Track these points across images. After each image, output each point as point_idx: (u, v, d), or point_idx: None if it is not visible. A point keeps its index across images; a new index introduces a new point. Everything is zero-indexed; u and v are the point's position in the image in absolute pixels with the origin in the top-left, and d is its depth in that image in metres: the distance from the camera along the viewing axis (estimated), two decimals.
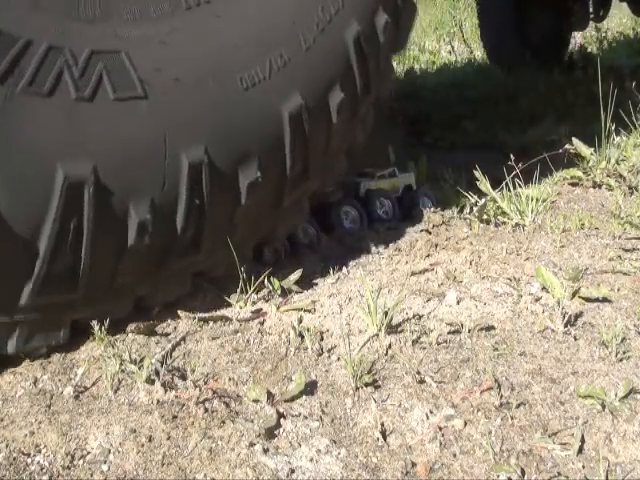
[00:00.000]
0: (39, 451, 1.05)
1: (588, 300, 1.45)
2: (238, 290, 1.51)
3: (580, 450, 1.03)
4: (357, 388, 1.19)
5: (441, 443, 1.06)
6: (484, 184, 2.04)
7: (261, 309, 1.47)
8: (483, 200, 1.98)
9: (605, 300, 1.45)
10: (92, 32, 1.21)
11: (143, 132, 1.24)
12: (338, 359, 1.28)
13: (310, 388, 1.20)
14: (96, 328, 1.29)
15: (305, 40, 1.43)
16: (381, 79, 1.67)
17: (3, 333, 1.22)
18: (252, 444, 1.05)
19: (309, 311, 1.45)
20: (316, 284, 1.62)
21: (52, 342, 1.28)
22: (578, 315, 1.40)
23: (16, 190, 1.13)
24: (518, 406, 1.13)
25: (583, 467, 1.00)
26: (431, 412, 1.12)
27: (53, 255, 1.17)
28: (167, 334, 1.37)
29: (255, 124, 1.37)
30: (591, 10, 4.71)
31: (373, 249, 1.82)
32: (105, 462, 1.02)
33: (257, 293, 1.51)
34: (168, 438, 1.07)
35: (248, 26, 1.38)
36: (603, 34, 5.99)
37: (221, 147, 1.32)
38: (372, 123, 1.73)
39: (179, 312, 1.44)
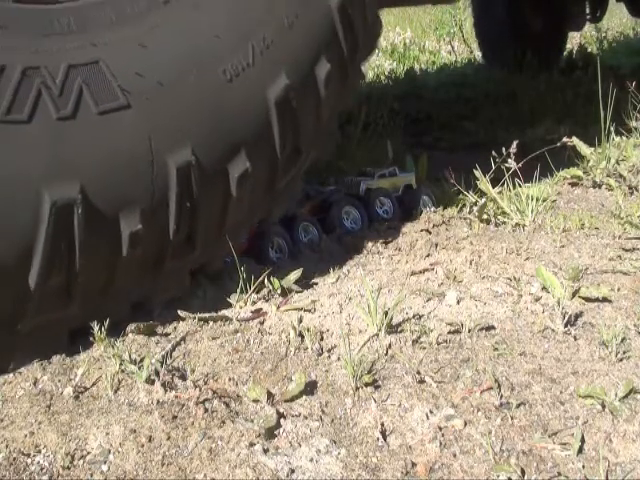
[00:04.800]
0: (39, 451, 1.05)
1: (588, 300, 1.46)
2: (238, 290, 1.51)
3: (580, 450, 1.03)
4: (357, 388, 1.19)
5: (441, 443, 1.06)
6: (484, 184, 2.04)
7: (261, 309, 1.47)
8: (483, 200, 1.98)
9: (605, 300, 1.45)
10: (68, 45, 1.17)
11: (129, 143, 1.20)
12: (338, 359, 1.28)
13: (310, 388, 1.20)
14: (96, 329, 1.29)
15: (287, 16, 1.38)
16: (368, 37, 1.62)
17: (4, 355, 1.22)
18: (252, 444, 1.05)
19: (309, 311, 1.45)
20: (316, 284, 1.62)
21: (52, 354, 1.28)
22: (578, 315, 1.40)
23: (1, 220, 1.10)
24: (518, 406, 1.13)
25: (583, 467, 1.00)
26: (431, 412, 1.12)
27: (45, 278, 1.15)
28: (167, 334, 1.37)
29: (242, 115, 1.34)
30: (588, 11, 4.71)
31: (373, 249, 1.82)
32: (105, 462, 1.02)
33: (257, 293, 1.51)
34: (168, 438, 1.07)
35: (227, 12, 1.32)
36: (603, 34, 6.00)
37: (208, 144, 1.29)
38: (360, 82, 1.68)
39: (179, 312, 1.44)
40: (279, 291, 1.53)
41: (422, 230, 1.93)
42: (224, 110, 1.31)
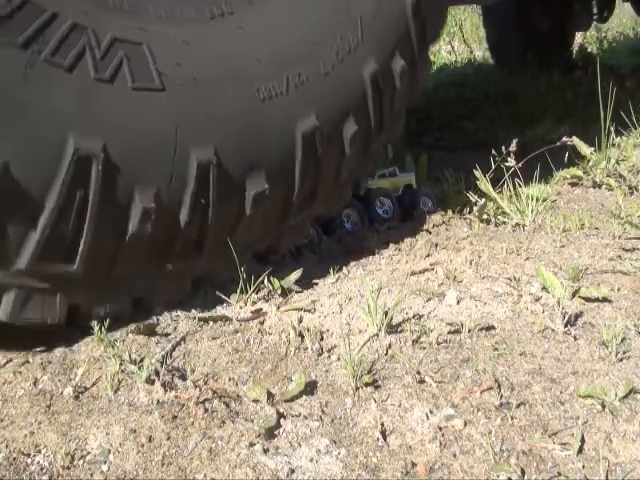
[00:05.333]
0: (39, 451, 1.05)
1: (588, 300, 1.46)
2: (238, 290, 1.51)
3: (580, 450, 1.03)
4: (357, 388, 1.19)
5: (441, 443, 1.06)
6: (484, 184, 2.04)
7: (261, 309, 1.47)
8: (483, 200, 1.98)
9: (605, 300, 1.45)
10: (117, 21, 1.26)
11: (156, 123, 1.26)
12: (338, 359, 1.28)
13: (310, 388, 1.20)
14: (96, 329, 1.29)
15: (324, 65, 1.49)
16: (394, 120, 1.76)
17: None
18: (252, 444, 1.05)
19: (309, 311, 1.45)
20: (316, 284, 1.62)
21: (47, 319, 1.26)
22: (578, 315, 1.40)
23: (28, 152, 1.15)
24: (518, 406, 1.13)
25: (583, 467, 1.00)
26: (431, 412, 1.12)
27: (55, 222, 1.18)
28: (167, 334, 1.37)
29: (268, 136, 1.40)
30: (595, 11, 4.70)
31: (373, 249, 1.82)
32: (105, 462, 1.02)
33: (257, 293, 1.51)
34: (168, 438, 1.07)
35: (269, 41, 1.43)
36: (603, 34, 5.99)
37: (232, 151, 1.35)
38: (381, 161, 1.85)
39: (179, 312, 1.44)
40: (279, 291, 1.53)
41: (422, 230, 1.93)
42: (252, 125, 1.39)
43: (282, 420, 1.11)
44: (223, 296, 1.51)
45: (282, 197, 1.47)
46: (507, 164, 2.01)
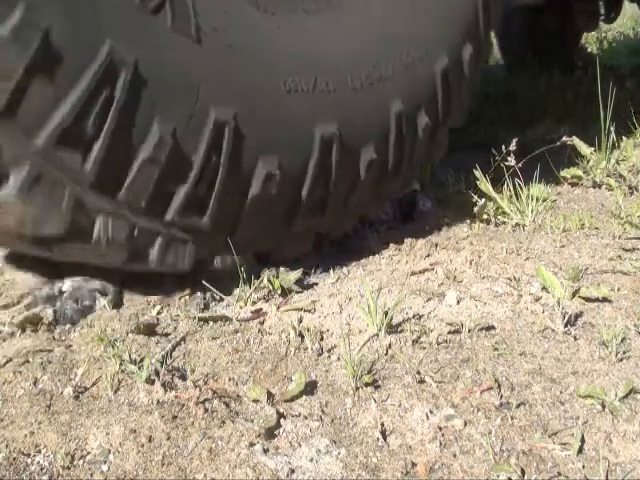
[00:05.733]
0: (39, 451, 1.05)
1: (588, 300, 1.46)
2: (238, 290, 1.51)
3: (580, 450, 1.03)
4: (357, 388, 1.19)
5: (441, 443, 1.06)
6: (484, 184, 2.04)
7: (261, 309, 1.47)
8: (483, 200, 1.98)
9: (605, 300, 1.45)
10: None
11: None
12: (338, 359, 1.28)
13: (310, 388, 1.20)
14: (96, 328, 1.29)
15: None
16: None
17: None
18: (252, 444, 1.05)
19: (309, 311, 1.45)
20: (316, 284, 1.62)
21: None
22: (578, 315, 1.40)
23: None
24: (518, 406, 1.13)
25: (583, 467, 1.00)
26: (431, 412, 1.12)
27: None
28: (167, 334, 1.37)
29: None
30: (602, 11, 4.70)
31: (373, 249, 1.82)
32: (105, 462, 1.02)
33: (257, 293, 1.51)
34: (168, 438, 1.07)
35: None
36: (603, 34, 6.00)
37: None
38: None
39: (179, 312, 1.44)
40: (279, 291, 1.53)
41: (422, 230, 1.93)
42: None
43: (282, 420, 1.12)
44: (223, 296, 1.51)
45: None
46: (507, 164, 2.01)
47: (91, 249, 1.33)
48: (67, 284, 1.49)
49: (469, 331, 1.35)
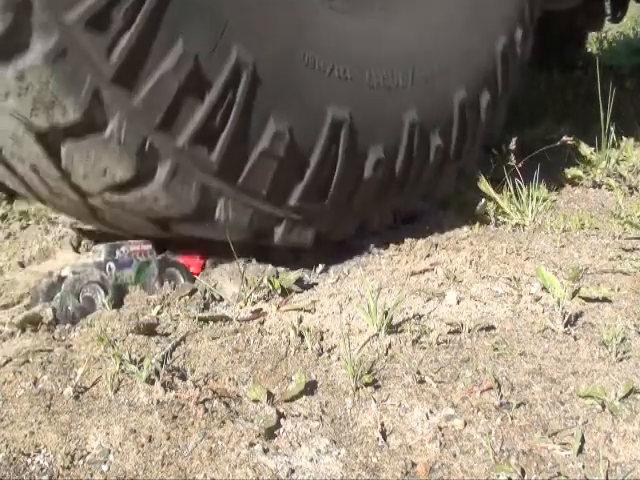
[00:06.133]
0: (39, 451, 1.05)
1: (588, 300, 1.46)
2: (238, 290, 1.51)
3: (580, 450, 1.03)
4: (357, 388, 1.19)
5: (441, 443, 1.06)
6: (484, 184, 2.04)
7: (261, 309, 1.47)
8: (483, 200, 1.98)
9: (605, 300, 1.45)
10: None
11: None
12: (338, 359, 1.28)
13: (310, 388, 1.20)
14: (96, 328, 1.29)
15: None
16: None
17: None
18: (252, 444, 1.05)
19: (309, 311, 1.45)
20: (316, 284, 1.62)
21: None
22: (578, 315, 1.40)
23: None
24: (518, 406, 1.13)
25: (583, 467, 1.00)
26: (431, 412, 1.12)
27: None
28: (167, 334, 1.37)
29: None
30: (608, 11, 4.69)
31: (373, 249, 1.82)
32: (105, 462, 1.02)
33: (257, 293, 1.51)
34: (168, 438, 1.07)
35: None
36: (603, 34, 5.99)
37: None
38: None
39: (179, 312, 1.44)
40: (279, 291, 1.53)
41: (422, 230, 1.93)
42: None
43: (282, 420, 1.11)
44: (223, 296, 1.51)
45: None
46: (507, 164, 2.01)
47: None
48: (66, 271, 1.51)
49: (469, 331, 1.35)
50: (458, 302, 1.47)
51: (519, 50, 2.03)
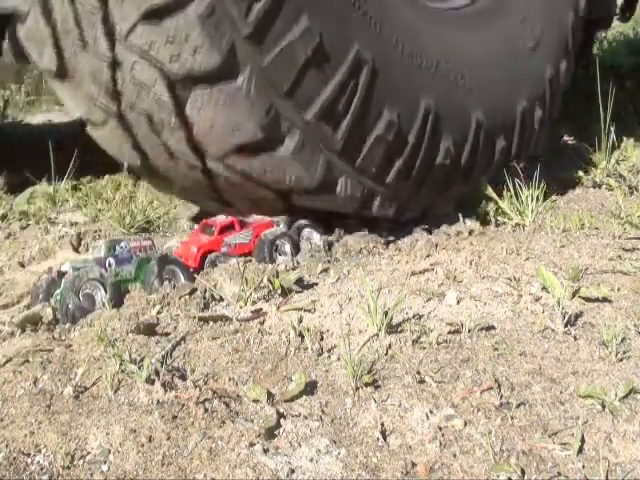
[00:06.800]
0: (39, 451, 1.05)
1: (588, 300, 1.45)
2: (238, 290, 1.51)
3: (580, 450, 1.03)
4: (357, 388, 1.19)
5: (441, 443, 1.06)
6: (484, 185, 2.04)
7: (261, 309, 1.47)
8: (483, 200, 1.98)
9: (605, 300, 1.45)
10: None
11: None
12: (338, 359, 1.28)
13: (310, 388, 1.20)
14: (96, 328, 1.29)
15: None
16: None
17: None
18: (252, 444, 1.05)
19: (309, 311, 1.45)
20: (316, 284, 1.62)
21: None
22: (578, 315, 1.40)
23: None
24: (518, 406, 1.13)
25: (583, 467, 1.00)
26: (431, 412, 1.12)
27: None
28: (167, 334, 1.37)
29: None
30: (617, 11, 4.68)
31: (373, 249, 1.82)
32: (105, 462, 1.02)
33: (257, 293, 1.51)
34: (168, 438, 1.07)
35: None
36: (603, 34, 5.99)
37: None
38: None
39: (179, 312, 1.44)
40: (279, 291, 1.53)
41: (422, 230, 1.93)
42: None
43: (282, 420, 1.11)
44: (223, 296, 1.51)
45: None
46: (507, 164, 2.01)
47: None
48: (66, 266, 1.51)
49: (469, 331, 1.35)
50: (458, 302, 1.47)
51: (562, 79, 2.31)
